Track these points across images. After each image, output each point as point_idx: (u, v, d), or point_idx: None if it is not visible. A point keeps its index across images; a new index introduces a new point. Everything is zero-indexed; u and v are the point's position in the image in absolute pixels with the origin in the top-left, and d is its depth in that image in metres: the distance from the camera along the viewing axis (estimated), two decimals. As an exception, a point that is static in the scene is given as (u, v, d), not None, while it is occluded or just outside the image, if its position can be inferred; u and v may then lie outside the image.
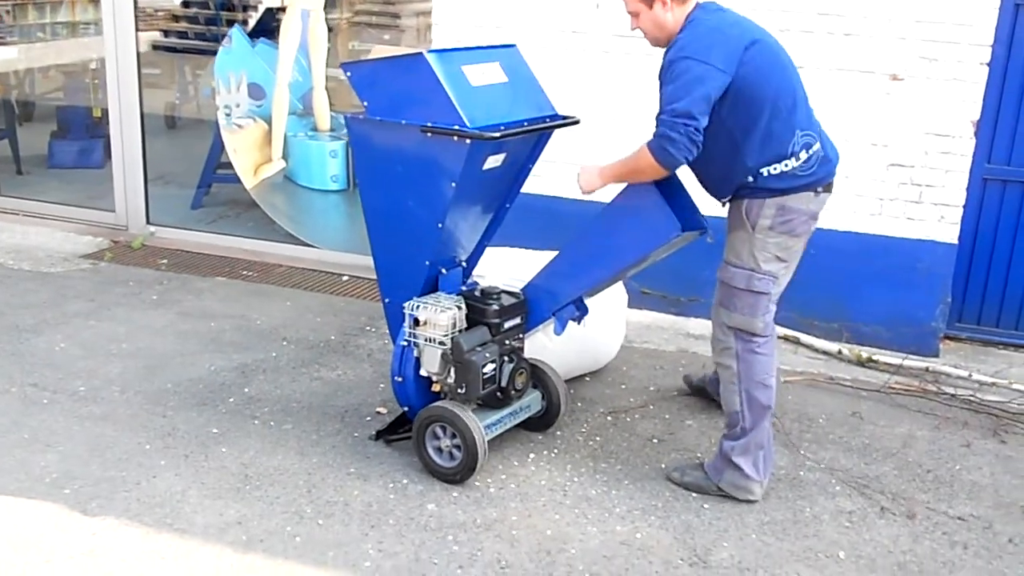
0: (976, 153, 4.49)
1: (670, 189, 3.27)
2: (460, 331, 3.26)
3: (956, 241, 4.54)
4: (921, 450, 3.66)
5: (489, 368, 3.22)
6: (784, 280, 3.29)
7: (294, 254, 5.61)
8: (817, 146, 3.11)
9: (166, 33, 7.78)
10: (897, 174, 4.53)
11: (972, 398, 4.07)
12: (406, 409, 3.45)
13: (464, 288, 3.46)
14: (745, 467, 3.21)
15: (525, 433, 3.61)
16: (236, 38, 5.52)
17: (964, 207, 4.54)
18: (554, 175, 4.47)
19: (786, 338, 4.75)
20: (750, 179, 3.09)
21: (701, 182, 3.28)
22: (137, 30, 5.79)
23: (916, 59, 4.38)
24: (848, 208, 4.62)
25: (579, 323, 3.51)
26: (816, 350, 4.66)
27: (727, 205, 3.26)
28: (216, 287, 5.06)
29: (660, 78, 3.03)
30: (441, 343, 3.23)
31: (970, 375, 4.27)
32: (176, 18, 7.96)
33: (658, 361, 4.37)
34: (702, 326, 4.77)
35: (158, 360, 4.11)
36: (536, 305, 3.43)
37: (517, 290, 3.45)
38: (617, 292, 4.07)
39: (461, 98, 3.01)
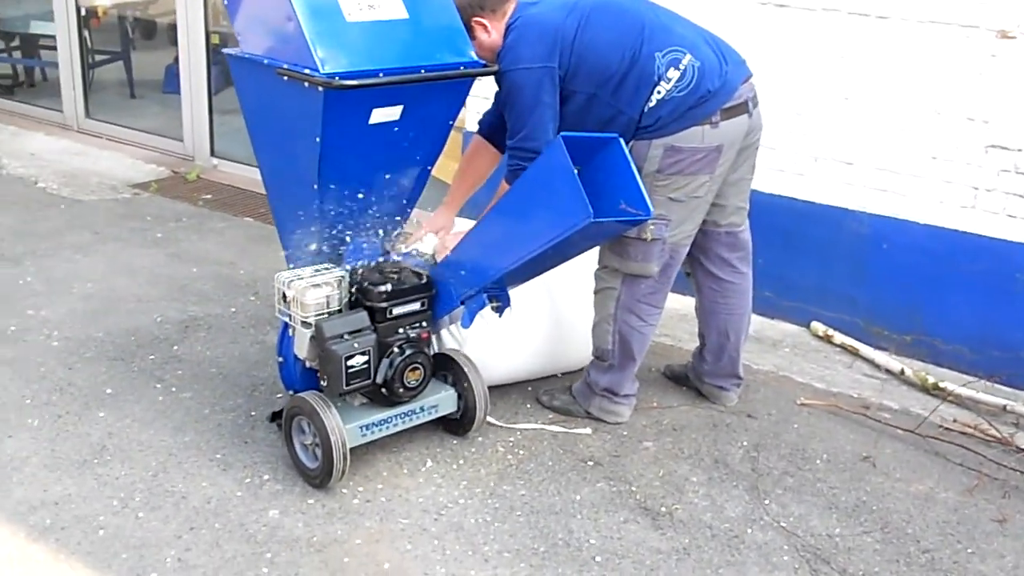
0: (1104, 139, 3.48)
1: (606, 172, 2.67)
2: (336, 312, 2.78)
3: (1070, 249, 3.56)
4: (932, 519, 2.84)
5: (358, 360, 2.72)
6: (691, 219, 3.01)
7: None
8: (688, 58, 2.82)
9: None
10: (998, 159, 3.58)
11: (1040, 456, 3.16)
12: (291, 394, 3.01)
13: (379, 260, 2.96)
14: (612, 396, 3.20)
15: (439, 434, 3.10)
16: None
17: (1084, 207, 3.55)
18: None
19: (844, 347, 3.93)
20: (637, 122, 2.87)
21: None
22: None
23: (1034, 12, 3.41)
24: (933, 197, 3.72)
25: (500, 315, 2.94)
26: (876, 366, 3.82)
27: None
28: (231, 229, 4.79)
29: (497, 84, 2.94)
30: (308, 325, 2.76)
31: (1055, 424, 3.33)
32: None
33: (665, 360, 3.68)
34: (756, 323, 4.03)
35: (111, 304, 3.87)
36: (443, 290, 2.88)
37: (425, 271, 2.91)
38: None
39: (320, 35, 2.48)
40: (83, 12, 6.45)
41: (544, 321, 3.37)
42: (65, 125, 6.48)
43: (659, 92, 2.80)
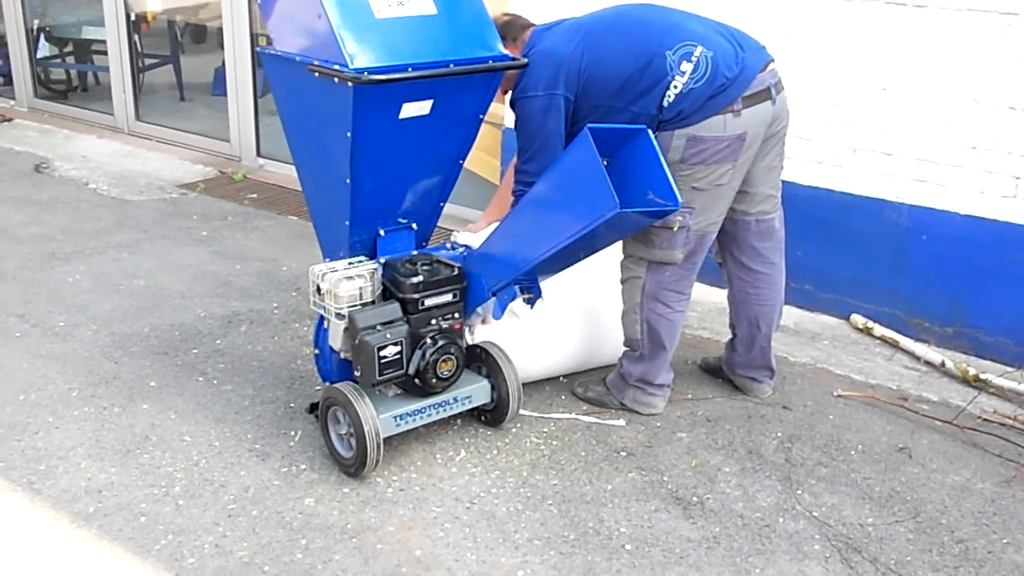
0: None
1: (634, 163, 2.69)
2: (369, 304, 2.83)
3: (1115, 238, 3.49)
4: (967, 509, 2.81)
5: (390, 351, 2.76)
6: (716, 207, 3.00)
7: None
8: (700, 50, 2.83)
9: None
10: (1040, 147, 3.53)
11: (1082, 447, 3.11)
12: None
13: (412, 253, 3.01)
14: (646, 386, 3.21)
15: (473, 425, 3.14)
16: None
17: None
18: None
19: (884, 339, 3.90)
20: (657, 117, 2.88)
21: None
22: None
23: (1076, -3, 3.36)
24: (974, 187, 3.67)
25: (531, 307, 2.97)
26: (916, 358, 3.78)
27: None
28: (276, 227, 4.88)
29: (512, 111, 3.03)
30: (341, 316, 2.81)
31: (1099, 415, 3.27)
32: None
33: (702, 352, 3.68)
34: (795, 316, 4.03)
35: (155, 300, 3.97)
36: (474, 282, 2.91)
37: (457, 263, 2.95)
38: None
39: (349, 31, 2.53)
40: (133, 17, 6.60)
41: (579, 318, 3.39)
42: (116, 128, 6.64)
43: (675, 87, 2.81)
